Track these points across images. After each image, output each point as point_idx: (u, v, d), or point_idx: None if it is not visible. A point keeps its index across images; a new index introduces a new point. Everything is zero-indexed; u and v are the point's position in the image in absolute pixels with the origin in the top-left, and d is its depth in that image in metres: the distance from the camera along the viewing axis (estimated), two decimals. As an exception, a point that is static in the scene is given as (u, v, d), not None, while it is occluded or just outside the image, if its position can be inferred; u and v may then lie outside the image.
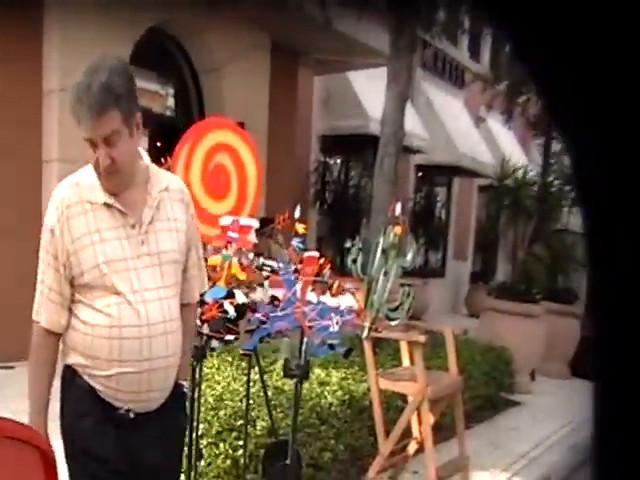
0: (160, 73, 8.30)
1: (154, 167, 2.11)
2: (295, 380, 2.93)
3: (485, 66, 14.18)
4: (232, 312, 2.85)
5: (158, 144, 3.56)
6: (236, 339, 2.95)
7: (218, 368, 4.44)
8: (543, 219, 8.34)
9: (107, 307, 1.92)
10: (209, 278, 2.94)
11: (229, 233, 2.98)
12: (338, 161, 11.38)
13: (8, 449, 1.61)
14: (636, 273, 0.55)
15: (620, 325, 0.58)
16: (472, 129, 13.01)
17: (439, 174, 13.60)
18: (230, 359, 4.55)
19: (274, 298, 3.01)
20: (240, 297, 2.89)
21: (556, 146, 11.57)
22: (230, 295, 2.86)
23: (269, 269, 3.06)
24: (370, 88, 9.74)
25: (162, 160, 3.11)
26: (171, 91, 8.50)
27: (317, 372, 4.65)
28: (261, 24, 8.12)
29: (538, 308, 7.29)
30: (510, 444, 5.52)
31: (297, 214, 3.15)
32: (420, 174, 13.47)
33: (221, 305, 2.84)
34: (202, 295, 2.89)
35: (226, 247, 2.94)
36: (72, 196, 1.99)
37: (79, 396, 2.01)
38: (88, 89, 1.85)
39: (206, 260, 2.94)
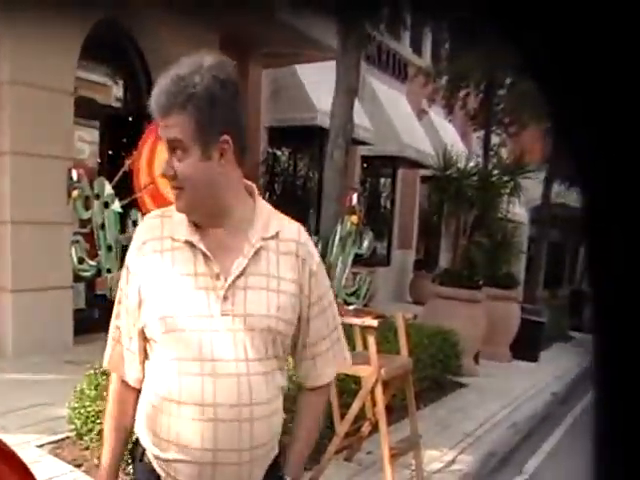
0: (111, 66, 8.29)
1: (266, 208, 1.64)
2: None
3: (427, 60, 14.50)
4: None
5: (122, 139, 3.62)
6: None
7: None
8: (484, 208, 8.65)
9: (166, 374, 1.52)
10: None
11: None
12: (287, 153, 11.52)
13: None
14: (634, 272, 0.55)
15: (619, 324, 0.58)
16: (415, 121, 13.32)
17: (383, 165, 13.88)
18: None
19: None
20: None
21: (495, 138, 12.00)
22: None
23: None
24: (318, 81, 9.89)
25: (121, 155, 3.21)
26: (120, 82, 8.49)
27: (274, 358, 4.78)
28: (210, 18, 8.17)
29: (480, 294, 7.60)
30: (457, 424, 5.79)
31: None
32: (365, 165, 13.74)
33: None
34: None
35: None
36: (153, 229, 1.59)
37: (141, 476, 1.65)
38: (167, 78, 1.51)
39: None
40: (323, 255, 3.34)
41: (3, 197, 6.36)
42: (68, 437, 4.39)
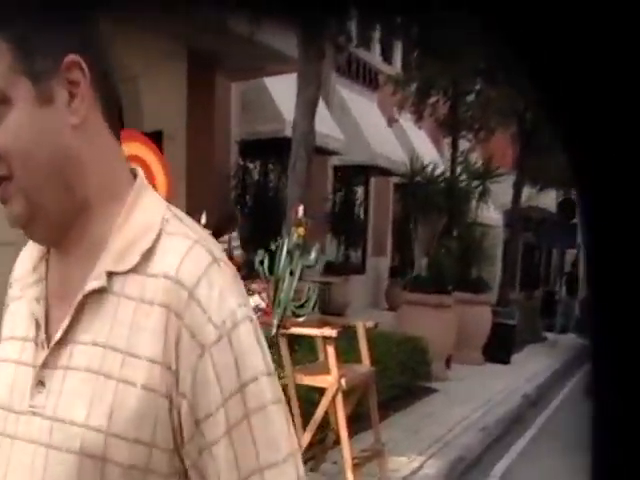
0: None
1: (144, 212, 0.86)
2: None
3: (397, 68, 14.59)
4: None
5: None
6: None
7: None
8: (452, 213, 8.72)
9: None
10: None
11: None
12: (257, 165, 11.55)
13: None
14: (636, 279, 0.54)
15: (619, 332, 0.57)
16: (386, 130, 13.39)
17: (356, 174, 13.93)
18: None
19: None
20: None
21: (465, 144, 12.10)
22: None
23: None
24: (287, 93, 9.92)
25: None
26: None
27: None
28: (176, 33, 8.19)
29: (449, 299, 7.65)
30: (427, 429, 5.81)
31: (203, 220, 3.31)
32: (338, 174, 13.79)
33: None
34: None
35: None
36: (25, 261, 0.94)
37: None
38: None
39: None
40: (270, 268, 3.38)
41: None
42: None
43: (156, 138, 7.72)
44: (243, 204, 10.78)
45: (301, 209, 3.26)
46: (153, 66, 8.10)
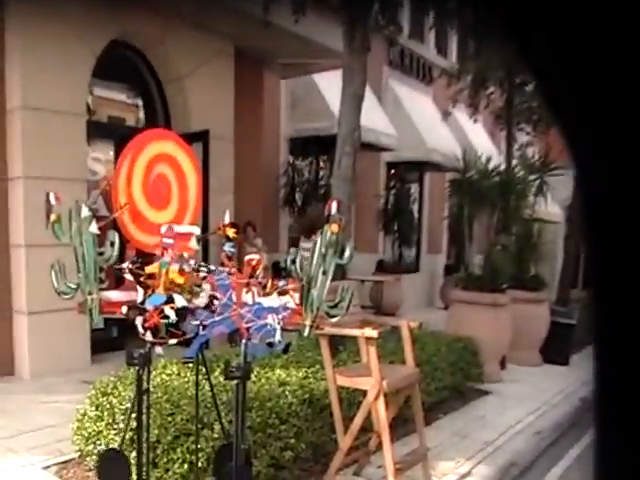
0: (126, 84, 8.38)
1: None
2: (236, 381, 3.00)
3: (453, 61, 14.31)
4: (173, 316, 2.93)
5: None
6: (179, 343, 3.02)
7: (178, 374, 4.52)
8: (508, 209, 8.45)
9: None
10: (148, 287, 3.02)
11: (164, 240, 3.06)
12: (307, 162, 11.47)
13: None
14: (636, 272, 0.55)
15: (621, 325, 0.58)
16: (440, 124, 13.15)
17: (409, 170, 13.72)
18: (190, 365, 4.62)
19: (213, 297, 3.09)
20: (180, 301, 2.96)
21: (523, 137, 11.74)
22: (170, 300, 2.94)
23: (205, 270, 3.13)
24: (336, 89, 9.85)
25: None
26: (138, 101, 8.57)
27: (278, 373, 4.73)
28: (223, 32, 8.21)
29: (504, 297, 7.40)
30: (477, 433, 5.62)
31: (227, 219, 3.22)
32: (391, 171, 13.60)
33: (162, 311, 2.92)
34: (143, 302, 2.98)
35: (162, 254, 3.02)
36: None
37: None
38: None
39: (144, 268, 3.02)
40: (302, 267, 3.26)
41: (17, 220, 6.46)
42: (73, 458, 4.40)
43: (203, 137, 7.77)
44: (293, 202, 10.73)
45: (334, 205, 3.13)
46: (200, 65, 8.12)
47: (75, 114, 6.84)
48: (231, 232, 3.15)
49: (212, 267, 3.10)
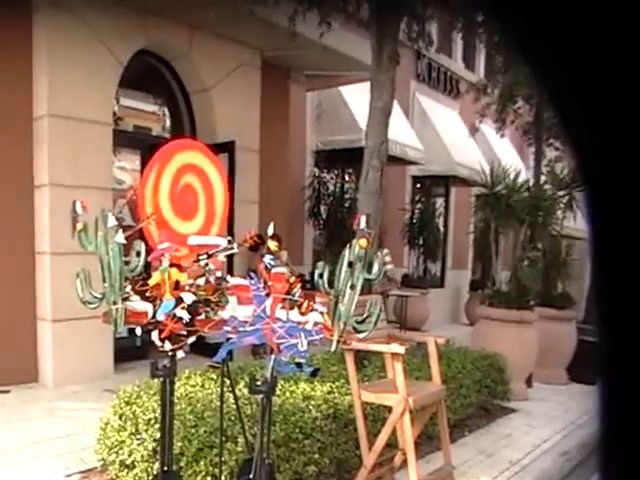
0: (153, 94, 8.43)
1: None
2: (262, 396, 2.96)
3: (480, 75, 14.25)
4: (186, 316, 2.89)
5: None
6: (206, 346, 2.98)
7: (202, 386, 4.49)
8: (536, 225, 8.33)
9: None
10: (155, 298, 2.98)
11: (158, 246, 3.04)
12: (333, 175, 11.44)
13: None
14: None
15: (623, 330, 0.57)
16: (467, 138, 13.07)
17: (435, 184, 13.65)
18: (214, 377, 4.59)
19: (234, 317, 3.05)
20: (188, 298, 2.93)
21: (550, 152, 11.61)
22: (179, 302, 2.91)
23: (205, 256, 3.08)
24: (363, 102, 9.84)
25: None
26: (165, 111, 8.62)
27: (302, 387, 4.68)
28: (250, 43, 8.24)
29: (531, 314, 7.28)
30: (502, 452, 5.51)
31: (270, 231, 3.19)
32: (417, 185, 13.54)
33: (174, 315, 2.89)
34: (154, 316, 2.94)
35: (160, 261, 2.98)
36: None
37: None
38: None
39: (147, 283, 2.97)
40: (331, 281, 3.22)
41: (42, 228, 6.49)
42: (95, 467, 4.38)
43: (229, 148, 7.78)
44: (318, 215, 10.69)
45: (363, 219, 3.09)
46: (227, 76, 8.15)
47: (102, 123, 6.88)
48: (273, 245, 3.12)
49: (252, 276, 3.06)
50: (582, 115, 0.57)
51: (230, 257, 6.82)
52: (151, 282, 2.89)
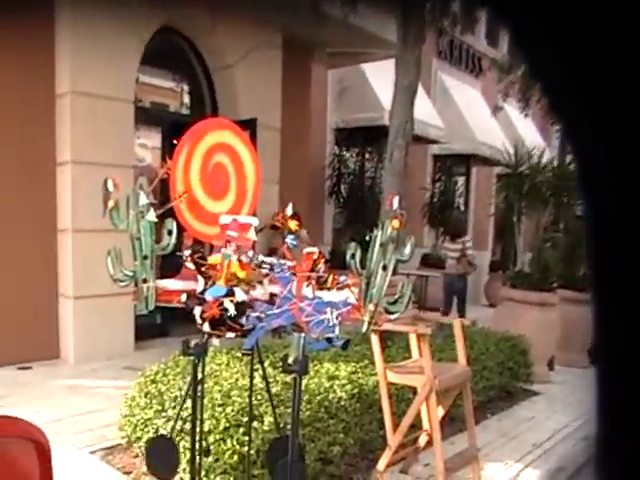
0: (174, 72, 8.38)
1: None
2: (294, 375, 2.95)
3: (504, 53, 14.04)
4: (232, 310, 2.88)
5: (174, 141, 3.55)
6: (236, 336, 2.98)
7: (227, 364, 4.49)
8: (559, 205, 8.25)
9: None
10: (209, 277, 2.97)
11: (228, 232, 3.02)
12: (354, 153, 11.36)
13: (4, 445, 1.64)
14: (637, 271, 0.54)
15: (622, 322, 0.57)
16: (489, 117, 12.93)
17: (457, 163, 13.53)
18: (239, 355, 4.59)
19: (273, 295, 3.04)
20: (240, 295, 2.92)
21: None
22: (230, 293, 2.89)
23: (268, 267, 3.08)
24: (385, 80, 9.74)
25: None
26: (186, 88, 8.57)
27: (326, 366, 4.68)
28: (271, 20, 8.14)
29: (554, 296, 7.23)
30: (526, 434, 5.50)
31: (289, 211, 3.16)
32: (438, 164, 13.43)
33: (221, 303, 2.88)
34: (203, 293, 2.94)
35: (225, 246, 2.97)
36: None
37: None
38: None
39: (206, 259, 2.98)
40: (362, 262, 3.19)
41: (64, 205, 6.50)
42: (119, 444, 4.40)
43: (251, 126, 7.72)
44: (338, 193, 10.64)
45: (396, 200, 3.04)
46: (248, 54, 8.08)
47: (123, 100, 6.85)
48: (293, 224, 3.09)
49: (274, 261, 3.04)
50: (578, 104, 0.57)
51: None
52: (210, 260, 2.89)
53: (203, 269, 2.91)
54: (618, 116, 0.53)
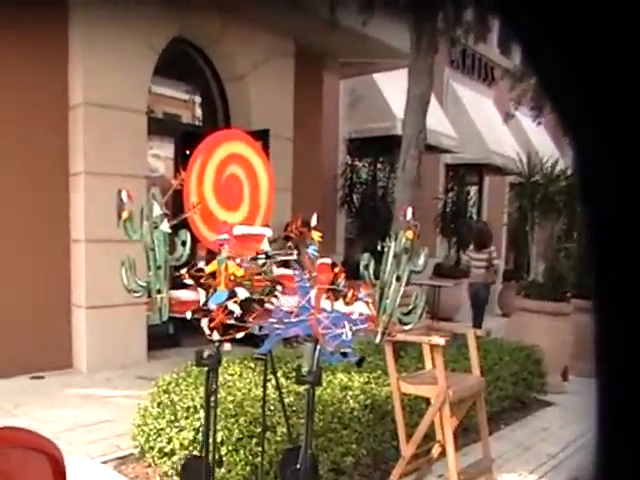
0: (186, 82, 8.42)
1: None
2: (307, 386, 2.95)
3: (516, 62, 14.02)
4: (237, 310, 2.88)
5: (187, 152, 3.57)
6: (246, 335, 2.97)
7: (240, 375, 4.49)
8: (573, 214, 8.19)
9: None
10: (209, 286, 2.97)
11: (218, 237, 3.03)
12: (366, 163, 11.37)
13: (17, 458, 1.64)
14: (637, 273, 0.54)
15: (623, 326, 0.58)
16: (502, 126, 12.91)
17: (469, 172, 13.50)
18: (252, 365, 4.59)
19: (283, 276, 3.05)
20: (242, 293, 2.92)
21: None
22: (232, 295, 2.90)
23: (263, 257, 3.08)
24: (397, 89, 9.75)
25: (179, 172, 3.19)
26: (198, 99, 8.61)
27: (339, 377, 4.66)
28: (284, 30, 8.18)
29: (567, 306, 7.18)
30: (540, 445, 5.46)
31: (314, 222, 3.16)
32: (450, 173, 13.41)
33: (226, 307, 2.88)
34: (206, 303, 2.94)
35: (219, 251, 2.98)
36: None
37: None
38: None
39: (203, 270, 2.98)
40: (376, 272, 3.18)
41: (77, 216, 6.53)
42: (132, 454, 4.41)
43: (263, 137, 7.74)
44: (350, 203, 10.64)
45: (410, 211, 3.04)
46: (261, 64, 8.11)
47: (136, 111, 6.89)
48: (317, 235, 3.10)
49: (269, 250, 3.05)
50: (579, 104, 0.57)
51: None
52: (207, 269, 2.89)
53: (202, 281, 2.91)
54: (620, 117, 0.53)
